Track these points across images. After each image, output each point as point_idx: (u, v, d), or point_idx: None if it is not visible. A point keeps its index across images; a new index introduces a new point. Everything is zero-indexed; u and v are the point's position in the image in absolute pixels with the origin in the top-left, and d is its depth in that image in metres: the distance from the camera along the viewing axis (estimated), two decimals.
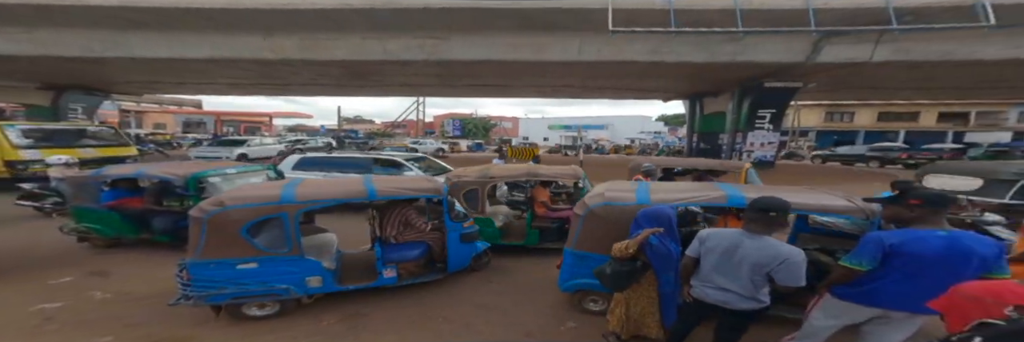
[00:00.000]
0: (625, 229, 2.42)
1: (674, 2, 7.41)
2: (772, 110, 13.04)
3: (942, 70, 10.61)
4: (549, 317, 2.85)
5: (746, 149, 13.74)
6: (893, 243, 1.75)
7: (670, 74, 12.12)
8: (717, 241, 1.89)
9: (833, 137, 28.48)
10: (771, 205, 1.79)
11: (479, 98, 25.19)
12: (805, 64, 9.69)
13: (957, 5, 6.59)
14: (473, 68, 12.81)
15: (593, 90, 17.10)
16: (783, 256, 1.73)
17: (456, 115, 49.16)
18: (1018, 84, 13.67)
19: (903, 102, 25.54)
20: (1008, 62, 9.17)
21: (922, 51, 8.99)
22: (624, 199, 2.57)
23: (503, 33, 10.52)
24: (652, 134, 41.02)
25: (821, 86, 13.01)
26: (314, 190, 2.90)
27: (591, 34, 9.60)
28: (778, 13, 7.30)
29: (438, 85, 17.44)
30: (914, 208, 1.82)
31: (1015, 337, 1.12)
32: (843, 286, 1.89)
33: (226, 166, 4.67)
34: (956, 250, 1.69)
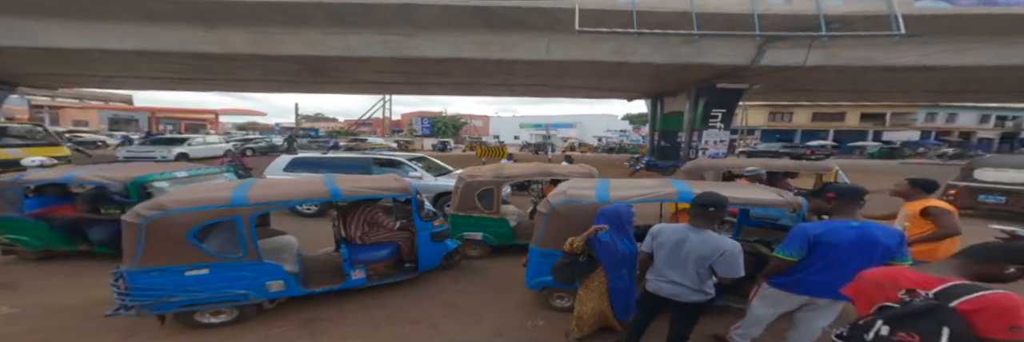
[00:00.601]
0: (587, 226, 2.48)
1: (637, 3, 7.79)
2: (723, 110, 14.02)
3: (863, 75, 11.94)
4: (517, 315, 2.87)
5: (702, 147, 14.70)
6: (815, 233, 1.90)
7: (633, 74, 12.69)
8: (667, 236, 1.98)
9: (776, 135, 31.16)
10: (710, 200, 1.91)
11: (448, 96, 24.98)
12: (751, 67, 10.53)
13: (875, 14, 7.49)
14: (441, 66, 12.69)
15: (562, 89, 17.48)
16: (722, 249, 1.84)
17: (425, 113, 48.27)
18: (925, 88, 15.73)
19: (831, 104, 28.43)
20: (916, 68, 10.52)
21: (846, 57, 10.06)
22: (585, 197, 2.66)
23: (472, 31, 10.51)
24: (618, 132, 42.71)
25: (765, 88, 14.17)
26: (268, 191, 2.77)
27: (559, 34, 9.83)
28: (728, 17, 7.90)
29: (405, 83, 17.03)
30: (831, 201, 2.00)
31: (908, 317, 1.26)
32: (778, 276, 2.05)
33: (175, 168, 4.20)
34: (865, 239, 1.86)
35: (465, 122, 47.01)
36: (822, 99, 23.96)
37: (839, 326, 1.41)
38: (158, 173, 3.87)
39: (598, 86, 15.96)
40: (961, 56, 9.63)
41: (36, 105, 27.89)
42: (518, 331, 2.66)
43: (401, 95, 24.25)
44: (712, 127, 14.38)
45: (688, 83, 13.58)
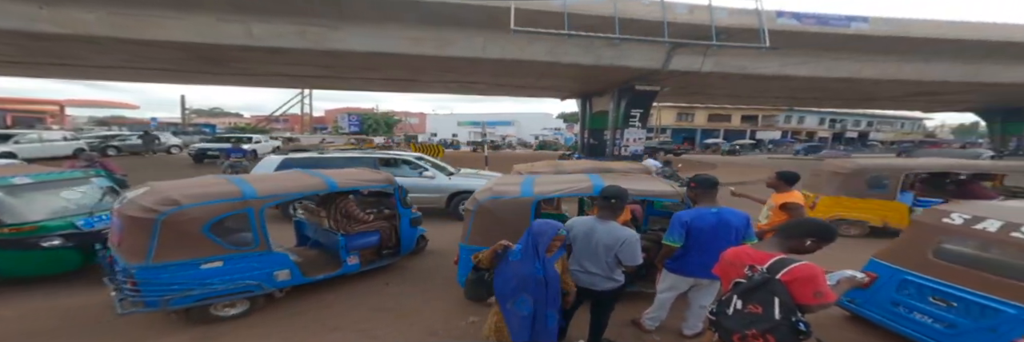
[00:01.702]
0: (514, 222, 2.59)
1: (568, 6, 8.42)
2: (640, 110, 15.73)
3: (741, 81, 14.44)
4: (452, 313, 2.86)
5: (624, 144, 16.31)
6: (686, 220, 2.18)
7: (565, 74, 13.55)
8: (579, 228, 2.08)
9: (682, 134, 35.78)
10: (611, 193, 2.06)
11: (381, 92, 23.40)
12: (661, 71, 12.04)
13: (751, 28, 9.21)
14: (372, 60, 12.07)
15: (499, 88, 17.83)
16: (623, 238, 1.97)
17: (353, 110, 44.85)
18: (784, 94, 19.55)
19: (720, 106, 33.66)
20: (776, 77, 13.07)
21: (728, 64, 12.07)
22: (510, 192, 2.73)
23: (405, 26, 10.23)
24: (553, 131, 44.71)
25: (672, 91, 16.24)
26: (274, 184, 2.90)
27: (495, 32, 10.05)
28: (643, 23, 8.98)
29: (328, 77, 15.73)
30: (695, 190, 2.35)
31: (751, 291, 1.44)
32: (669, 260, 2.31)
33: (11, 172, 3.31)
34: (722, 223, 2.16)
35: (399, 120, 45.00)
36: (714, 102, 28.26)
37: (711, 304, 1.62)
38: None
39: (533, 85, 16.68)
40: (805, 68, 12.23)
41: None
42: (453, 329, 2.64)
43: (323, 90, 22.26)
44: (632, 126, 16.04)
45: (612, 84, 14.92)
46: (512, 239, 2.71)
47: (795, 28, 9.82)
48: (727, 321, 1.47)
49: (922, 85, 14.00)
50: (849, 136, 40.91)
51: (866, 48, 11.36)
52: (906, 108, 28.15)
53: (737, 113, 36.92)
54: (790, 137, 38.30)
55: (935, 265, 2.29)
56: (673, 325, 2.61)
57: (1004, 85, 13.57)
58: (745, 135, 36.61)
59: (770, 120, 38.42)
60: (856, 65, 12.30)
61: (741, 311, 1.45)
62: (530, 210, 2.71)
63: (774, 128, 38.43)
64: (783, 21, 9.67)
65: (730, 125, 37.08)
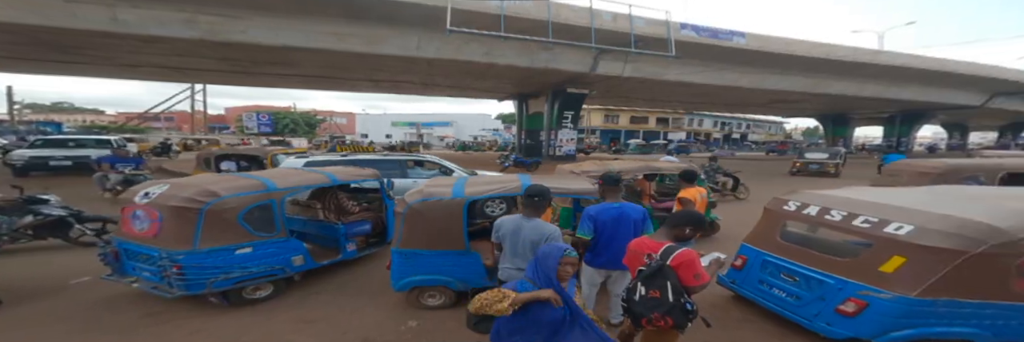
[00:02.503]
0: (446, 223, 2.63)
1: (505, 8, 8.73)
2: (572, 112, 16.83)
3: (654, 86, 16.36)
4: (388, 319, 2.77)
5: (558, 145, 17.23)
6: (593, 214, 2.33)
7: (502, 76, 13.86)
8: (507, 227, 2.12)
9: (610, 135, 38.90)
10: (534, 192, 2.12)
11: (301, 89, 20.91)
12: (589, 74, 13.08)
13: (660, 37, 10.54)
14: (287, 55, 11.01)
15: (435, 88, 17.46)
16: (547, 233, 2.04)
17: (264, 108, 39.68)
18: (687, 99, 22.54)
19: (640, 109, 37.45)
20: (681, 83, 15.03)
21: (644, 70, 13.59)
22: (441, 194, 2.73)
23: (327, 20, 9.54)
24: (492, 131, 44.94)
25: (599, 93, 17.66)
26: (288, 179, 3.26)
27: (430, 31, 9.90)
28: (574, 29, 9.70)
29: (227, 71, 13.85)
30: (602, 187, 2.56)
31: (651, 276, 1.60)
32: (587, 255, 2.44)
33: None
34: (622, 217, 2.33)
35: (322, 119, 41.07)
36: (634, 105, 31.36)
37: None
38: None
39: (470, 86, 16.73)
40: (700, 75, 14.30)
41: None
42: (390, 335, 2.55)
43: (221, 85, 19.44)
44: (564, 127, 17.05)
45: (546, 86, 15.69)
46: (444, 241, 2.72)
47: (694, 39, 11.49)
48: (636, 306, 1.63)
49: (779, 94, 17.33)
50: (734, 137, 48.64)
51: (743, 60, 13.73)
52: (771, 113, 34.53)
53: (653, 116, 41.49)
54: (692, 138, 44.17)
55: (782, 246, 2.61)
56: (604, 315, 2.68)
57: (833, 95, 17.51)
58: (660, 136, 41.24)
59: (678, 123, 43.90)
60: (735, 75, 14.75)
61: (645, 296, 1.60)
62: (462, 211, 2.69)
63: (681, 129, 43.97)
64: (685, 32, 11.24)
65: (647, 127, 41.47)
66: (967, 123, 32.94)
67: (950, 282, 1.92)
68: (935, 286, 1.92)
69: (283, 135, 30.67)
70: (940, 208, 2.17)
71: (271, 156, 6.96)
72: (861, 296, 2.06)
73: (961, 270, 1.91)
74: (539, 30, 9.27)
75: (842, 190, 2.90)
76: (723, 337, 2.48)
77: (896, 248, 2.06)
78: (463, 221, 2.71)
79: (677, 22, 11.04)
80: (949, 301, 1.95)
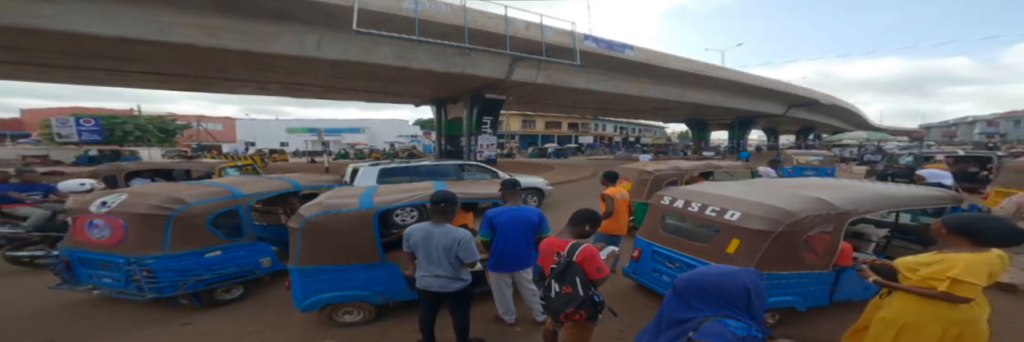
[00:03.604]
0: (355, 235, 2.54)
1: (420, 12, 8.44)
2: (491, 117, 17.06)
3: (564, 93, 17.59)
4: (300, 339, 2.63)
5: (478, 150, 17.26)
6: (491, 216, 2.46)
7: (417, 80, 13.38)
8: (418, 235, 2.15)
9: (528, 139, 40.42)
10: (441, 198, 2.18)
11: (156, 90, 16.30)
12: (505, 81, 13.46)
13: (568, 47, 11.41)
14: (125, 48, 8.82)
15: (342, 91, 15.96)
16: (458, 237, 2.11)
17: (86, 111, 30.78)
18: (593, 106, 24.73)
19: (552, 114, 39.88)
20: (585, 91, 16.47)
21: (555, 78, 14.50)
22: (346, 205, 2.61)
23: (192, 11, 7.99)
24: (409, 137, 42.63)
25: (516, 99, 18.27)
26: (252, 186, 3.50)
27: (334, 31, 9.13)
28: (490, 35, 9.88)
29: (23, 63, 10.59)
30: (503, 191, 2.77)
31: (560, 274, 1.72)
32: (490, 260, 2.51)
33: None
34: (519, 218, 2.48)
35: (186, 125, 33.64)
36: (550, 111, 33.24)
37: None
38: None
39: (383, 90, 15.72)
40: (600, 84, 15.91)
41: None
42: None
43: (14, 80, 14.58)
44: (484, 132, 17.18)
45: (464, 92, 15.65)
46: (355, 255, 2.56)
47: (594, 50, 12.72)
48: (553, 303, 1.76)
49: (658, 101, 20.27)
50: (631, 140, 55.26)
51: (632, 71, 15.69)
52: (654, 119, 40.17)
53: (565, 121, 44.57)
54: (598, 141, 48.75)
55: (664, 236, 2.92)
56: (528, 315, 2.79)
57: (694, 104, 21.17)
58: (572, 140, 44.48)
59: (586, 127, 48.00)
60: (627, 84, 16.79)
61: (560, 292, 1.71)
62: (372, 222, 2.59)
63: (589, 134, 48.16)
64: (588, 43, 12.38)
65: (561, 131, 44.40)
66: (777, 128, 42.81)
67: (769, 258, 2.33)
68: (761, 262, 2.32)
69: (121, 144, 24.30)
70: (756, 197, 2.64)
71: (219, 169, 6.85)
72: None
73: (772, 247, 2.33)
74: (456, 35, 9.22)
75: (699, 185, 3.49)
76: (633, 324, 2.68)
77: (733, 232, 2.48)
78: (375, 232, 2.63)
79: (582, 33, 12.08)
80: (773, 274, 2.37)
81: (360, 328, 2.69)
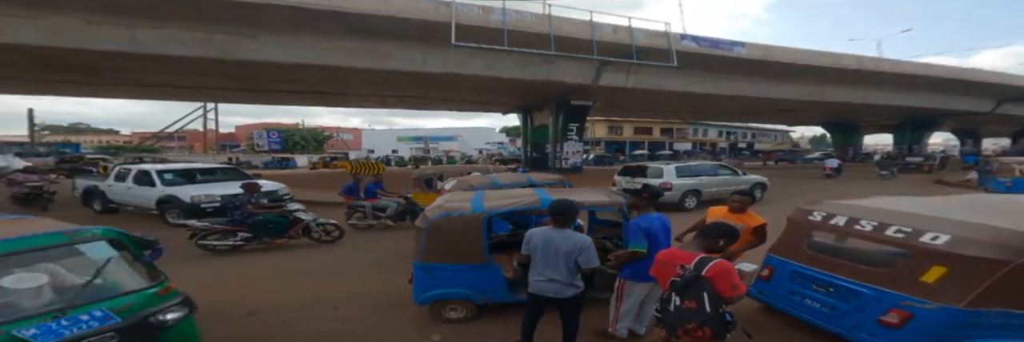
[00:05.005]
0: (467, 237, 2.70)
1: (508, 23, 8.92)
2: (577, 124, 16.83)
3: (658, 97, 16.43)
4: (411, 332, 2.77)
5: (565, 157, 17.17)
6: (644, 226, 2.33)
7: (505, 89, 14.04)
8: (537, 238, 2.18)
9: (614, 146, 38.86)
10: (561, 209, 2.19)
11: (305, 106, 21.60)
12: (592, 86, 13.17)
13: (661, 48, 10.66)
14: (295, 72, 11.26)
15: (438, 102, 17.70)
16: (581, 243, 2.11)
17: (273, 125, 40.55)
18: (690, 109, 22.58)
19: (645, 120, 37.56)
20: (684, 93, 15.10)
21: (647, 81, 13.65)
22: (461, 209, 2.79)
23: (334, 37, 9.82)
24: (497, 144, 45.04)
25: (603, 105, 17.73)
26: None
27: (435, 46, 10.14)
28: (575, 41, 9.84)
29: (240, 89, 14.24)
30: (646, 199, 2.54)
31: (685, 287, 1.62)
32: (630, 270, 2.41)
33: None
34: (664, 225, 2.44)
35: (330, 136, 41.71)
36: (639, 116, 31.46)
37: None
38: None
39: (473, 99, 16.94)
40: (702, 85, 14.36)
41: None
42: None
43: (233, 103, 19.99)
44: (570, 139, 17.01)
45: (550, 98, 15.81)
46: (465, 255, 2.73)
47: (694, 49, 11.59)
48: (670, 317, 1.64)
49: (782, 102, 17.29)
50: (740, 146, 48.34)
51: (745, 70, 13.78)
52: (775, 122, 34.37)
53: (657, 126, 41.50)
54: (698, 148, 43.95)
55: (811, 256, 2.57)
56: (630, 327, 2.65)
57: (837, 103, 17.40)
58: (664, 146, 41.11)
59: (682, 133, 43.84)
60: (738, 84, 14.79)
61: (680, 307, 1.61)
62: (482, 226, 2.74)
63: (686, 140, 43.84)
64: (685, 43, 11.36)
65: (652, 137, 41.43)
66: (978, 129, 32.42)
67: (997, 292, 1.84)
68: (982, 296, 1.83)
69: (292, 152, 31.15)
70: (975, 217, 2.10)
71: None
72: (904, 307, 1.97)
73: (1006, 280, 1.82)
74: (542, 43, 9.42)
75: (867, 200, 2.81)
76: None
77: (935, 258, 1.98)
78: (483, 235, 2.76)
79: (677, 33, 11.17)
80: (1000, 312, 1.87)
81: (462, 325, 2.82)
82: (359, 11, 8.85)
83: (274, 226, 4.96)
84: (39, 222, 2.30)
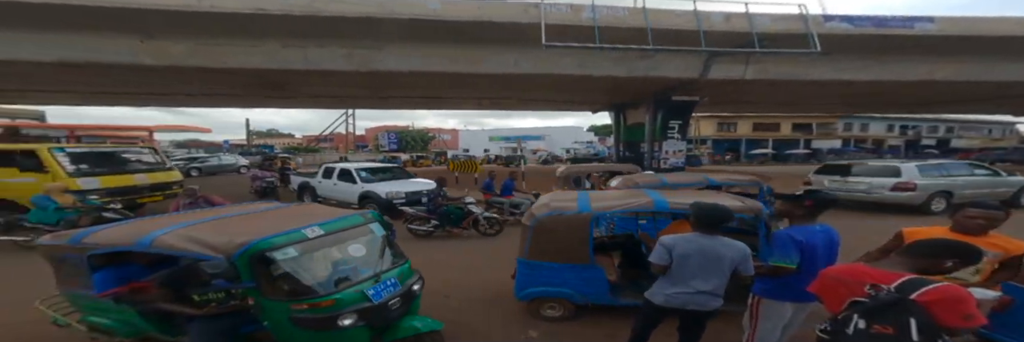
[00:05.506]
0: (572, 237, 2.66)
1: (598, 19, 8.45)
2: (679, 121, 15.12)
3: (791, 88, 13.55)
4: (510, 327, 2.83)
5: (663, 157, 15.68)
6: (800, 239, 1.99)
7: (597, 87, 13.46)
8: (687, 246, 1.96)
9: (725, 145, 33.85)
10: (716, 217, 2.01)
11: (411, 110, 25.01)
12: (700, 80, 11.59)
13: (798, 33, 8.67)
14: (409, 79, 12.72)
15: (529, 102, 18.05)
16: (745, 249, 1.95)
17: (391, 128, 47.46)
18: (842, 101, 18.03)
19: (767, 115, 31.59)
20: (834, 82, 12.12)
21: (776, 72, 11.36)
22: (568, 208, 2.77)
23: (439, 45, 10.71)
24: (586, 144, 44.11)
25: (712, 100, 15.53)
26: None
27: (526, 47, 10.24)
28: (677, 33, 8.75)
29: (368, 97, 16.80)
30: (808, 208, 2.10)
31: (878, 310, 1.36)
32: (766, 286, 2.10)
33: (301, 223, 2.33)
34: (831, 240, 2.06)
35: (433, 136, 46.70)
36: (760, 110, 26.62)
37: (819, 322, 1.51)
38: (281, 235, 2.13)
39: (564, 98, 16.72)
40: (865, 72, 11.25)
41: None
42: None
43: (363, 109, 23.83)
44: (670, 137, 15.39)
45: (647, 95, 14.59)
46: (569, 255, 2.71)
47: (848, 31, 9.12)
48: (845, 339, 1.41)
49: (1004, 86, 12.33)
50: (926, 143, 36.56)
51: (936, 49, 10.27)
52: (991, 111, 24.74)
53: (787, 121, 34.38)
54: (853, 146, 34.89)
55: None
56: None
57: None
58: (798, 144, 33.89)
59: (827, 128, 35.35)
60: (927, 67, 11.14)
61: (865, 331, 1.37)
62: (588, 226, 2.70)
63: (833, 136, 35.25)
64: (833, 25, 9.02)
65: (779, 134, 34.52)
66: None
67: None
68: None
69: (403, 151, 35.74)
70: None
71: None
72: None
73: None
74: (637, 38, 8.68)
75: None
76: None
77: None
78: (589, 236, 2.74)
79: (817, 14, 8.96)
80: None
81: (559, 324, 2.84)
82: (457, 19, 9.49)
83: (454, 216, 5.51)
84: (319, 207, 2.92)
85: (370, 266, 2.37)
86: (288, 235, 2.13)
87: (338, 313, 2.07)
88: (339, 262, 2.36)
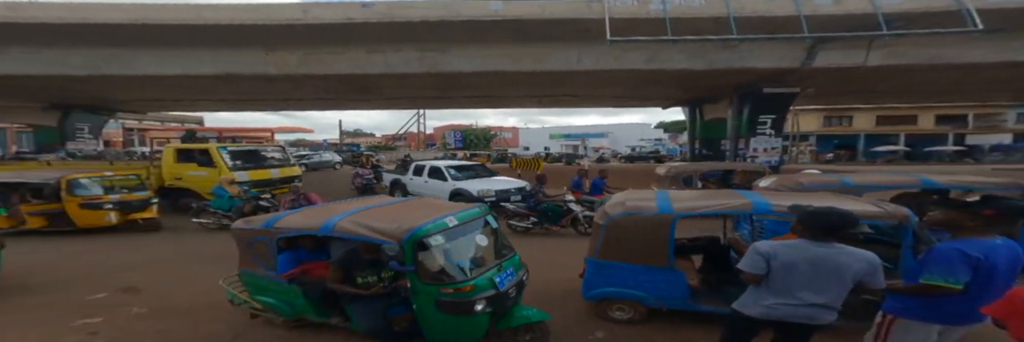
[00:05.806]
0: (651, 238, 2.50)
1: (669, 10, 7.59)
2: (773, 116, 13.09)
3: (935, 74, 10.73)
4: (575, 326, 2.75)
5: (750, 155, 13.77)
6: (976, 256, 1.63)
7: (667, 81, 12.30)
8: (793, 254, 1.72)
9: (833, 141, 28.55)
10: (841, 223, 1.74)
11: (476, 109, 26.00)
12: (801, 69, 9.82)
13: (943, 10, 6.74)
14: (472, 79, 13.01)
15: (592, 99, 17.31)
16: (874, 260, 1.68)
17: (456, 127, 49.65)
18: (1011, 87, 13.80)
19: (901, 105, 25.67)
20: (1000, 65, 9.29)
21: (915, 55, 9.13)
22: (646, 208, 2.59)
23: (502, 44, 10.71)
24: (653, 141, 41.18)
25: (819, 91, 13.11)
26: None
27: (589, 43, 9.77)
28: (769, 20, 7.48)
29: (436, 97, 17.66)
30: (987, 218, 1.70)
31: None
32: (908, 303, 1.79)
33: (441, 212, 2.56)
34: (1013, 256, 1.68)
35: (495, 134, 47.63)
36: (885, 101, 21.78)
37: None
38: (431, 223, 2.31)
39: (629, 94, 15.61)
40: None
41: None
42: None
43: (431, 109, 25.19)
44: (761, 134, 13.43)
45: (726, 88, 12.92)
46: (646, 256, 2.59)
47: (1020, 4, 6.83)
48: None
49: None
50: None
51: None
52: None
53: (927, 113, 27.50)
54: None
55: None
56: None
57: None
58: (945, 140, 27.01)
59: (990, 119, 27.51)
60: None
61: None
62: (670, 228, 2.53)
63: (998, 130, 27.34)
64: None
65: (915, 128, 27.77)
66: None
67: None
68: None
69: (468, 149, 37.00)
70: None
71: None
72: None
73: None
74: (716, 28, 7.63)
75: None
76: None
77: None
78: (670, 237, 2.59)
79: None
80: None
81: (627, 327, 2.73)
82: (518, 17, 9.35)
83: (554, 214, 5.45)
84: (437, 201, 3.35)
85: (491, 256, 2.59)
86: (436, 223, 2.30)
87: (476, 298, 2.19)
88: (470, 251, 2.51)
